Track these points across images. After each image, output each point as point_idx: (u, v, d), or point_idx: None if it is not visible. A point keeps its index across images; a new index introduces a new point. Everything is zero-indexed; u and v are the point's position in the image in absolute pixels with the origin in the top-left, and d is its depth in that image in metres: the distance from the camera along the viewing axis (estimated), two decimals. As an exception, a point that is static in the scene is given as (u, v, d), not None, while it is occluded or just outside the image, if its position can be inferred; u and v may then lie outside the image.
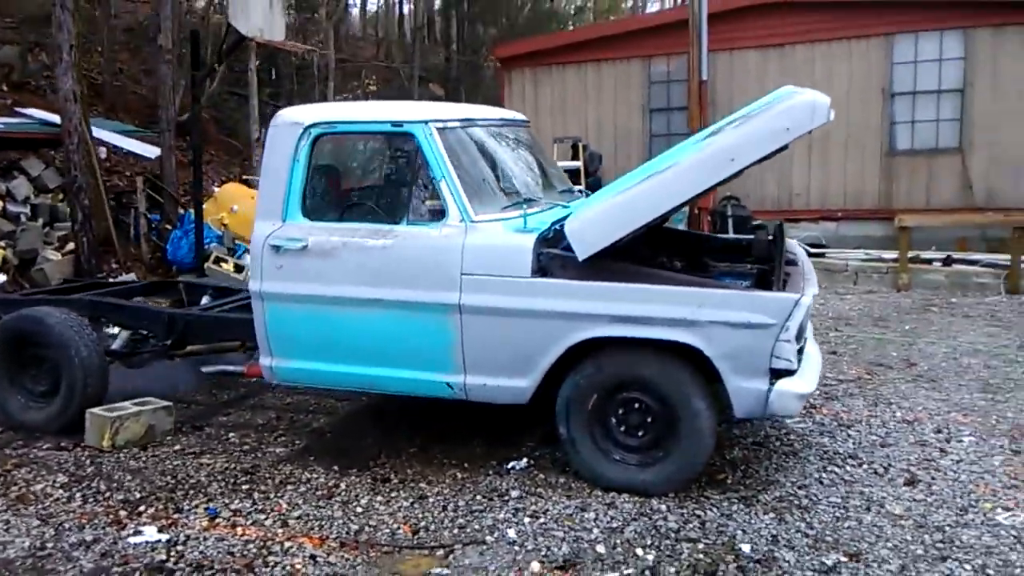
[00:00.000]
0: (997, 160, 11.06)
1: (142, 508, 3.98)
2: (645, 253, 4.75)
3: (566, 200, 4.89)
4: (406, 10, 26.40)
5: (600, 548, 3.53)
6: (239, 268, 9.89)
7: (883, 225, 11.32)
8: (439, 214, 4.18)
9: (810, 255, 5.49)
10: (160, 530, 3.75)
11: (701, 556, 3.45)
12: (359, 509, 3.96)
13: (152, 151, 10.73)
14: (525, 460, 4.47)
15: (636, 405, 4.04)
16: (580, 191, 5.28)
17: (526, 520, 3.80)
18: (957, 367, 6.34)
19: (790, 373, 3.79)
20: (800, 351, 3.90)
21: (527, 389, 4.12)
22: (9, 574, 3.38)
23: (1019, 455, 4.51)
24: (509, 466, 4.42)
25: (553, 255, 4.04)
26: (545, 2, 26.60)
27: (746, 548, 3.51)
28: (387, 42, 23.68)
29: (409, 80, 19.64)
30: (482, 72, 24.00)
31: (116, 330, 5.97)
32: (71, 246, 9.23)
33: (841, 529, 3.68)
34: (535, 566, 3.38)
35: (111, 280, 7.34)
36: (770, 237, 4.84)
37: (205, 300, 5.91)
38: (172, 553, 3.54)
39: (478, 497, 4.06)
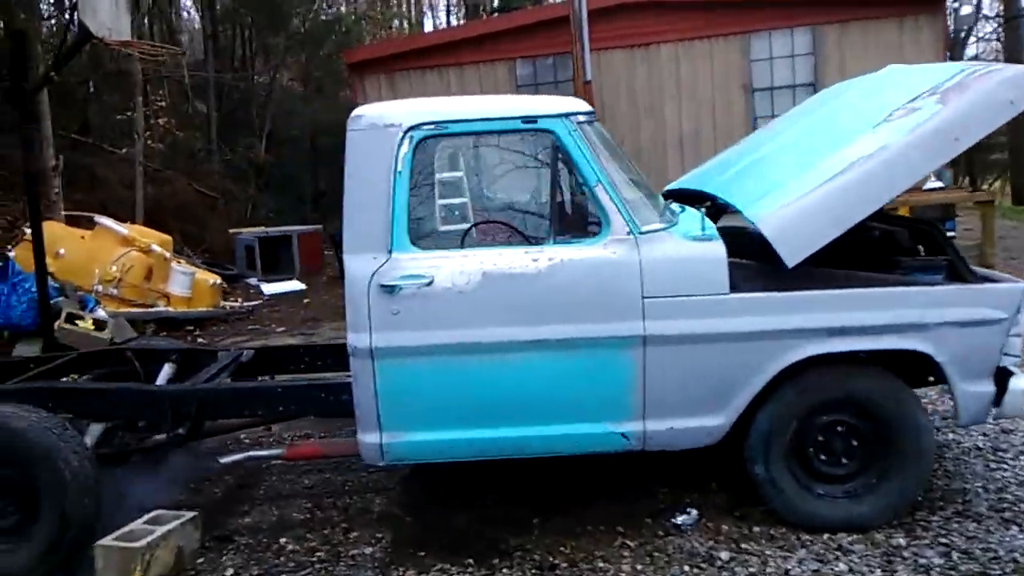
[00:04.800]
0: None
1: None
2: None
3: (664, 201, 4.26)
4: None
5: (900, 605, 2.95)
6: (99, 325, 8.01)
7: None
8: (594, 227, 3.37)
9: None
10: None
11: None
12: (556, 612, 3.06)
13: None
14: (695, 511, 3.76)
15: (838, 428, 3.51)
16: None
17: (777, 587, 3.13)
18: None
19: (1010, 371, 3.45)
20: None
21: (721, 427, 3.44)
22: None
23: None
24: (679, 522, 3.69)
25: (738, 265, 3.40)
26: (322, 12, 25.35)
27: (1043, 572, 3.11)
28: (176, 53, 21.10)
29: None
30: (262, 86, 22.15)
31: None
32: None
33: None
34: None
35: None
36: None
37: (167, 369, 4.51)
38: None
39: (686, 568, 3.31)
